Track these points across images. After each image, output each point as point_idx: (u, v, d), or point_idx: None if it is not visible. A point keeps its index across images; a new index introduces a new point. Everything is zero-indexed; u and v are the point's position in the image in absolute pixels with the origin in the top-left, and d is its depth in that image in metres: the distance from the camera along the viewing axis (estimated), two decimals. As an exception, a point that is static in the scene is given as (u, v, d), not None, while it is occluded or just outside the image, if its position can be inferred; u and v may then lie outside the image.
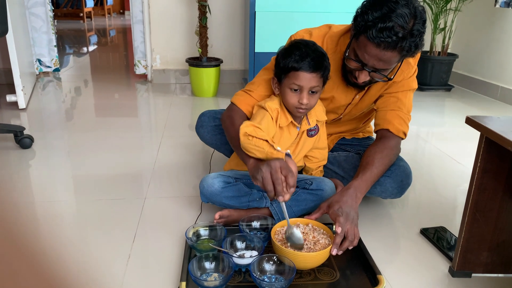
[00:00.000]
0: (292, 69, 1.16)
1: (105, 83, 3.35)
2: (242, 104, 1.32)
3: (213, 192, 1.27)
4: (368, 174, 1.22)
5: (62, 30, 6.78)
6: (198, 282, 0.97)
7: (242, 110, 1.31)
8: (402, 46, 1.07)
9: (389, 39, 1.05)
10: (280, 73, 1.20)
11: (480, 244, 1.08)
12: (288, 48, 1.19)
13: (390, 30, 1.05)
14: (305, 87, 1.16)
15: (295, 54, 1.15)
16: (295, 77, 1.16)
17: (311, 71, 1.15)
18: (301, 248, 1.07)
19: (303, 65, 1.14)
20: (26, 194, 1.52)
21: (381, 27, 1.05)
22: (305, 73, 1.15)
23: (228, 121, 1.32)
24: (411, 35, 1.07)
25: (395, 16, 1.05)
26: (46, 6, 3.17)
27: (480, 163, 1.00)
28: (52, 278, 0.93)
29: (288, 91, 1.19)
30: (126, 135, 2.15)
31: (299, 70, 1.15)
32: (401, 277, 1.12)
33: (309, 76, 1.15)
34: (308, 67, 1.15)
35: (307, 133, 1.31)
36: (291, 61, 1.15)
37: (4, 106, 2.55)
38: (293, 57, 1.15)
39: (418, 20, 1.07)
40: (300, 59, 1.14)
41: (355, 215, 1.13)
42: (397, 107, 1.32)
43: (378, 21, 1.06)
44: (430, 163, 1.94)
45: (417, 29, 1.07)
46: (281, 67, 1.18)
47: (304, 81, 1.16)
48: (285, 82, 1.19)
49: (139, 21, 3.21)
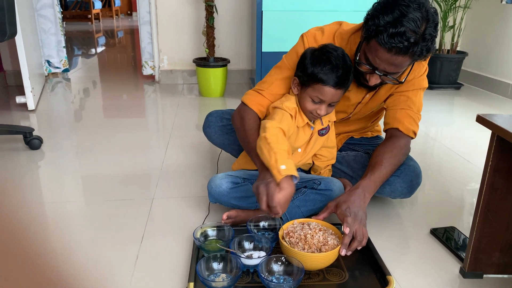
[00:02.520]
0: (320, 82, 1.14)
1: (113, 84, 3.37)
2: (253, 104, 1.30)
3: (221, 193, 1.27)
4: (377, 174, 1.21)
5: (70, 31, 6.84)
6: (206, 283, 0.97)
7: (253, 110, 1.30)
8: (414, 51, 1.05)
9: (401, 45, 1.04)
10: (304, 78, 1.18)
11: (492, 245, 1.07)
12: (318, 55, 1.17)
13: (402, 35, 1.03)
14: (327, 101, 1.17)
15: (325, 65, 1.14)
16: (320, 91, 1.15)
17: (338, 87, 1.15)
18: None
19: (331, 80, 1.14)
20: (35, 195, 1.53)
21: (393, 32, 1.03)
22: (331, 88, 1.15)
23: (239, 122, 1.31)
24: (423, 39, 1.05)
25: (407, 20, 1.03)
26: (54, 8, 3.20)
27: (491, 162, 0.98)
28: (61, 278, 0.94)
29: (309, 99, 1.19)
30: (134, 136, 2.16)
31: (326, 84, 1.14)
32: (411, 278, 1.10)
33: (334, 92, 1.15)
34: (335, 83, 1.14)
35: (318, 132, 1.31)
36: (320, 72, 1.14)
37: (14, 107, 2.57)
38: (323, 69, 1.14)
39: (430, 23, 1.05)
40: (330, 72, 1.13)
41: (363, 215, 1.12)
42: (407, 106, 1.31)
43: (389, 26, 1.04)
44: (439, 162, 1.91)
45: (429, 33, 1.05)
46: (308, 73, 1.16)
47: (328, 96, 1.16)
48: (308, 91, 1.18)
49: (146, 22, 3.22)
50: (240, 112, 1.32)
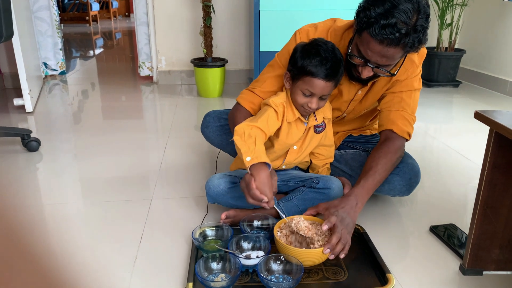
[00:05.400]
0: (309, 74, 1.14)
1: (111, 86, 3.36)
2: (245, 103, 1.33)
3: (219, 193, 1.27)
4: (370, 181, 1.20)
5: (68, 33, 6.83)
6: (205, 283, 0.97)
7: (245, 108, 1.33)
8: (406, 42, 1.05)
9: (392, 36, 1.04)
10: (295, 71, 1.19)
11: (491, 241, 1.06)
12: (308, 48, 1.17)
13: (393, 26, 1.03)
14: (318, 94, 1.17)
15: (315, 58, 1.14)
16: (310, 84, 1.15)
17: (327, 79, 1.15)
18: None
19: (321, 72, 1.13)
20: (33, 197, 1.53)
21: (384, 23, 1.03)
22: (321, 81, 1.14)
23: (231, 121, 1.34)
24: (415, 30, 1.05)
25: (398, 12, 1.03)
26: (51, 10, 3.19)
27: (490, 158, 0.98)
28: (60, 279, 0.93)
29: (299, 92, 1.19)
30: (133, 137, 2.15)
31: (316, 77, 1.14)
32: (410, 275, 1.10)
33: (324, 85, 1.15)
34: (325, 75, 1.14)
35: (314, 129, 1.30)
36: (310, 65, 1.14)
37: (12, 109, 2.56)
38: (312, 61, 1.14)
39: (422, 15, 1.05)
40: (319, 64, 1.13)
41: (350, 223, 1.11)
42: (401, 108, 1.30)
43: (380, 17, 1.04)
44: (438, 160, 1.91)
45: (421, 25, 1.05)
46: (298, 66, 1.17)
47: (318, 89, 1.16)
48: (299, 84, 1.18)
49: (143, 23, 3.21)
50: (234, 111, 1.36)
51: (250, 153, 1.11)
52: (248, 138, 1.14)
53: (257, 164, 1.10)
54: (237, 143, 1.15)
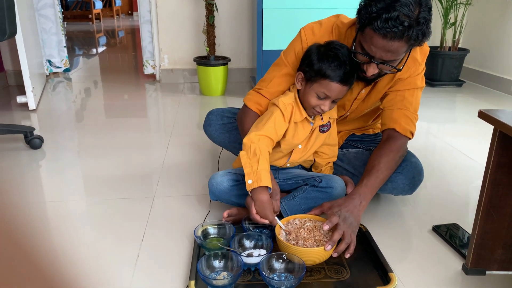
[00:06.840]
0: (327, 77, 1.14)
1: (115, 84, 3.37)
2: (252, 104, 1.34)
3: (222, 190, 1.27)
4: (373, 180, 1.20)
5: (71, 31, 6.85)
6: (207, 281, 0.97)
7: (252, 110, 1.33)
8: (409, 35, 1.05)
9: (395, 29, 1.03)
10: (311, 73, 1.18)
11: (494, 241, 1.06)
12: (325, 51, 1.17)
13: (396, 19, 1.02)
14: (333, 97, 1.17)
15: (333, 62, 1.14)
16: (327, 87, 1.15)
17: (344, 83, 1.15)
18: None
19: (339, 76, 1.14)
20: (36, 194, 1.53)
21: (386, 17, 1.03)
22: (338, 84, 1.15)
23: (240, 124, 1.35)
24: (418, 23, 1.04)
25: (399, 5, 1.02)
26: (55, 7, 3.20)
27: (493, 157, 0.98)
28: (62, 277, 0.93)
29: (314, 94, 1.18)
30: (135, 135, 2.15)
31: (333, 80, 1.14)
32: (413, 275, 1.10)
33: (340, 88, 1.16)
34: (342, 79, 1.14)
35: (319, 129, 1.30)
36: (328, 68, 1.14)
37: (15, 107, 2.57)
38: (331, 65, 1.14)
39: (424, 7, 1.05)
40: (337, 68, 1.14)
41: (353, 222, 1.11)
42: (404, 106, 1.30)
43: (382, 11, 1.03)
44: (441, 159, 1.91)
45: (423, 17, 1.05)
46: (315, 68, 1.16)
47: (334, 93, 1.16)
48: (314, 86, 1.18)
49: (147, 21, 3.22)
50: (241, 114, 1.37)
51: (252, 175, 1.12)
52: (253, 157, 1.14)
53: (257, 188, 1.12)
54: (242, 161, 1.16)
